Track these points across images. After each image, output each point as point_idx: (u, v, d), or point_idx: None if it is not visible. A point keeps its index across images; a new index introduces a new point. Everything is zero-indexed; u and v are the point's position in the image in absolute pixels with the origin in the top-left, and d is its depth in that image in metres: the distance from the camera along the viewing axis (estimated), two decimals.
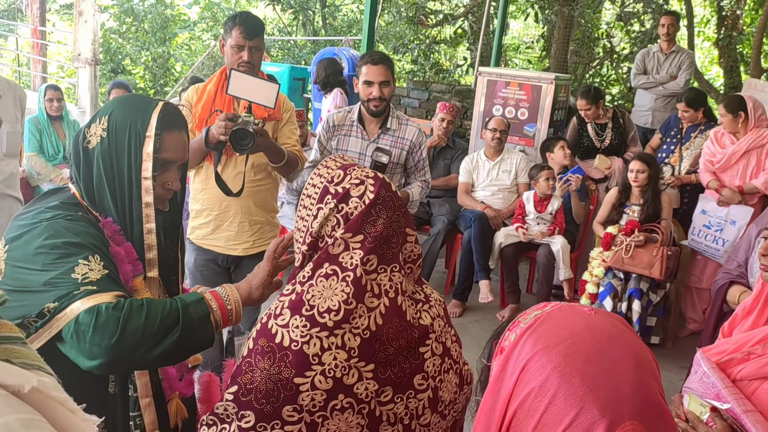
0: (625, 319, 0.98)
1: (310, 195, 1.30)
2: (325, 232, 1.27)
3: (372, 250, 1.23)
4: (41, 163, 4.85)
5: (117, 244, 1.42)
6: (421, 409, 1.27)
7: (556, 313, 0.91)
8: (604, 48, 10.45)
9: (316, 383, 1.16)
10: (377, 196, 1.26)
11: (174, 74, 12.98)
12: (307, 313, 1.19)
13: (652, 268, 3.99)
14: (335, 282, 1.21)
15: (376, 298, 1.22)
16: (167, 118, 1.47)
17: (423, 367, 1.27)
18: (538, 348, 0.85)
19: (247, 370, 1.18)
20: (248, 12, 2.80)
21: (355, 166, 1.32)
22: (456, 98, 6.78)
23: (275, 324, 1.20)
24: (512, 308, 4.66)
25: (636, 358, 0.83)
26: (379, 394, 1.22)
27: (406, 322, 1.25)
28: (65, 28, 13.72)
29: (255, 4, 14.87)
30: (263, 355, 1.18)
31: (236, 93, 2.50)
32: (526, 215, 4.65)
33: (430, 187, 3.34)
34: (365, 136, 3.13)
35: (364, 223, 1.24)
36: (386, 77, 3.02)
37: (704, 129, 4.77)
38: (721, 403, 1.55)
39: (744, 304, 2.05)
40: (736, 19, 9.78)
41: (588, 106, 5.00)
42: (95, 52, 7.92)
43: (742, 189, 4.23)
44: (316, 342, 1.17)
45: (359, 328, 1.20)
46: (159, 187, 1.49)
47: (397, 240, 1.27)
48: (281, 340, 1.18)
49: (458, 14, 10.65)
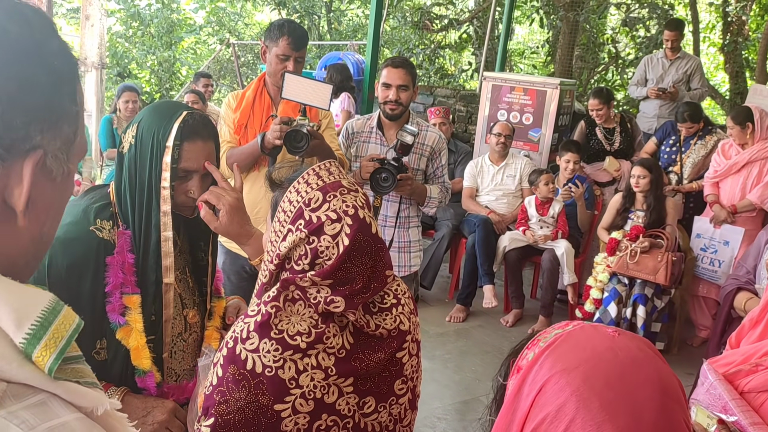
0: (651, 343, 0.91)
1: (285, 210, 1.22)
2: (292, 256, 1.20)
3: (342, 295, 1.16)
4: None
5: (119, 253, 1.43)
6: (403, 412, 1.26)
7: (577, 333, 0.87)
8: (609, 53, 10.44)
9: (297, 407, 1.12)
10: (353, 242, 1.15)
11: (180, 78, 13.02)
12: (277, 336, 1.13)
13: (656, 273, 3.97)
14: (302, 307, 1.17)
15: (345, 317, 1.18)
16: (189, 127, 1.47)
17: (402, 371, 1.24)
18: (556, 369, 0.81)
19: (221, 401, 1.12)
20: (295, 21, 2.80)
21: (337, 192, 1.19)
22: (461, 103, 6.78)
23: (243, 349, 1.13)
24: (516, 313, 4.65)
25: (661, 383, 0.79)
26: (362, 406, 1.19)
27: (375, 338, 1.21)
28: (72, 32, 13.78)
29: (260, 9, 14.91)
30: (236, 384, 1.12)
31: (291, 96, 2.50)
32: (529, 219, 4.64)
33: (450, 192, 3.29)
34: (384, 142, 3.09)
35: (336, 271, 1.16)
36: (405, 82, 2.98)
37: (703, 135, 4.78)
38: (728, 416, 1.52)
39: (751, 314, 2.01)
40: (741, 25, 9.76)
41: (600, 105, 4.98)
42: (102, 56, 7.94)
43: (735, 209, 4.24)
44: (290, 365, 1.12)
45: (334, 347, 1.16)
46: (181, 195, 1.50)
47: (373, 286, 1.21)
48: (253, 367, 1.12)
49: (463, 19, 10.66)
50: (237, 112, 2.74)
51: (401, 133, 2.79)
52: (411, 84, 3.01)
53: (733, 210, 4.26)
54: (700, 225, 4.44)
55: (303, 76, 2.58)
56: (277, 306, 1.16)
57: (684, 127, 4.76)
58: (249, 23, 15.42)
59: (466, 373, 3.84)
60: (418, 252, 3.23)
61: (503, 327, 4.57)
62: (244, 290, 2.93)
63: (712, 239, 4.32)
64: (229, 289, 2.89)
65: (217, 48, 12.60)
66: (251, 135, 2.70)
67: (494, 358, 3.98)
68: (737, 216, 4.27)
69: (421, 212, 3.24)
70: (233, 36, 13.58)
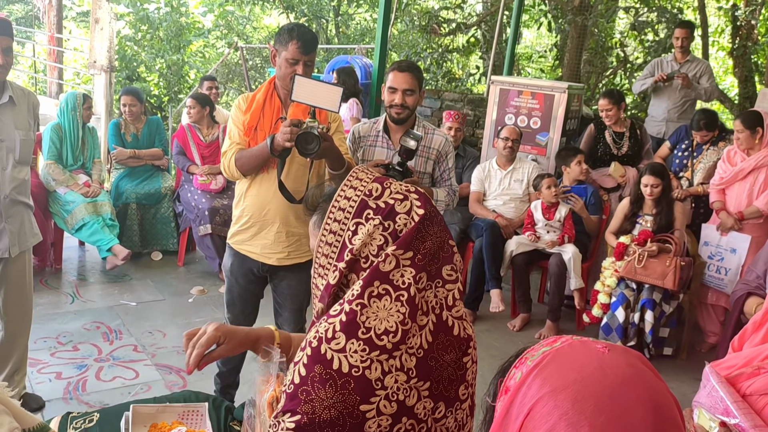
0: (642, 355, 0.88)
1: (344, 208, 1.25)
2: (369, 252, 1.22)
3: (422, 268, 1.20)
4: (59, 170, 4.88)
5: None
6: (465, 418, 1.26)
7: (565, 351, 0.84)
8: (617, 57, 10.41)
9: (381, 408, 1.13)
10: (426, 212, 1.23)
11: (188, 81, 13.07)
12: (364, 336, 1.14)
13: (665, 278, 3.95)
14: (389, 302, 1.17)
15: (425, 315, 1.20)
16: None
17: (465, 376, 1.25)
18: (544, 391, 0.78)
19: (307, 400, 1.13)
20: (304, 25, 2.81)
21: (390, 180, 1.28)
22: (468, 107, 6.78)
23: (329, 349, 1.14)
24: (523, 318, 4.63)
25: (653, 402, 0.76)
26: (434, 411, 1.20)
27: (453, 336, 1.22)
28: (81, 35, 13.87)
29: (269, 12, 14.96)
30: (323, 383, 1.13)
31: (301, 99, 2.51)
32: (535, 224, 4.63)
33: (457, 195, 3.27)
34: (391, 146, 3.08)
35: (413, 240, 1.20)
36: (410, 86, 2.97)
37: (716, 141, 4.75)
38: (730, 418, 1.52)
39: (755, 318, 2.01)
40: (750, 29, 9.71)
41: (610, 105, 4.97)
42: (111, 59, 8.00)
43: (742, 215, 4.21)
44: (377, 366, 1.13)
45: (413, 347, 1.17)
46: None
47: (442, 254, 1.25)
48: (339, 366, 1.13)
49: (471, 23, 10.66)
50: (247, 114, 2.76)
51: (404, 138, 2.80)
52: (417, 88, 3.00)
53: (740, 217, 4.23)
54: (707, 232, 4.41)
55: (313, 79, 2.59)
56: (363, 303, 1.16)
57: (699, 135, 4.74)
58: (257, 27, 15.47)
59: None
60: None
61: (510, 331, 4.56)
62: (253, 292, 2.94)
63: (719, 247, 4.30)
64: (237, 291, 2.90)
65: (225, 51, 12.64)
66: (261, 137, 2.71)
67: (501, 362, 3.97)
68: (744, 223, 4.24)
69: None
70: (241, 39, 13.62)
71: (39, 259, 4.82)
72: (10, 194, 2.90)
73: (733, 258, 4.22)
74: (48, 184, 4.86)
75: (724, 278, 4.23)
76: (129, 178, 5.34)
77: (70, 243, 5.29)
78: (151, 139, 5.49)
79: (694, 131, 4.76)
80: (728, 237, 4.26)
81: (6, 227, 2.88)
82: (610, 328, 4.10)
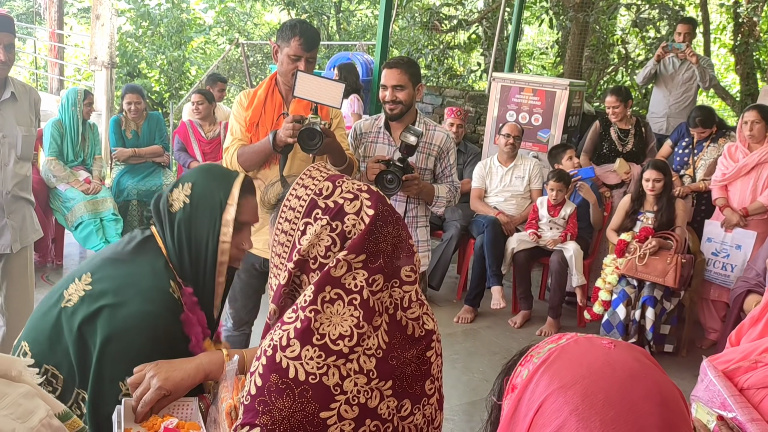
0: (646, 350, 0.88)
1: (294, 207, 1.23)
2: (317, 253, 1.19)
3: (377, 270, 1.18)
4: (59, 167, 4.87)
5: (191, 311, 1.55)
6: (433, 413, 1.25)
7: (572, 347, 0.84)
8: (619, 54, 10.40)
9: (342, 414, 1.11)
10: (376, 213, 1.19)
11: (189, 78, 13.07)
12: (319, 342, 1.12)
13: (666, 275, 3.95)
14: (342, 307, 1.15)
15: (378, 316, 1.18)
16: (245, 187, 1.64)
17: (430, 371, 1.24)
18: (553, 387, 0.79)
19: (264, 411, 1.10)
20: (306, 22, 2.82)
21: (344, 178, 1.25)
22: (469, 104, 6.78)
23: (284, 357, 1.12)
24: (524, 314, 4.64)
25: (661, 396, 0.77)
26: (400, 409, 1.19)
27: (408, 336, 1.21)
28: (82, 31, 13.86)
29: (270, 9, 14.95)
30: (279, 393, 1.10)
31: (303, 95, 2.52)
32: (540, 219, 4.63)
33: (459, 192, 3.28)
34: (392, 142, 3.08)
35: (365, 243, 1.17)
36: (399, 81, 2.97)
37: (716, 137, 4.75)
38: (727, 412, 1.53)
39: (752, 313, 2.02)
40: (752, 26, 9.70)
41: (617, 102, 4.96)
42: (112, 55, 7.99)
43: (747, 211, 4.20)
44: (334, 371, 1.11)
45: (371, 348, 1.15)
46: (234, 248, 1.62)
47: (399, 254, 1.22)
48: (296, 375, 1.11)
49: (472, 20, 10.65)
50: (249, 110, 2.76)
51: (404, 134, 2.81)
52: (409, 83, 2.99)
53: (744, 213, 4.22)
54: (710, 229, 4.39)
55: (315, 75, 2.59)
56: (316, 309, 1.14)
57: (696, 132, 4.74)
58: (258, 23, 15.46)
59: (474, 374, 3.84)
60: (427, 252, 3.23)
61: (511, 328, 4.56)
62: (254, 287, 2.95)
63: (724, 243, 4.28)
64: (239, 287, 2.91)
65: (226, 48, 12.63)
66: (262, 133, 2.71)
67: (502, 359, 3.97)
68: (749, 219, 4.23)
69: (429, 212, 3.23)
70: (242, 36, 13.62)
71: (40, 255, 4.83)
72: (12, 190, 2.90)
73: (738, 254, 4.19)
74: (49, 181, 4.86)
75: (730, 275, 4.21)
76: (130, 175, 5.33)
77: (71, 239, 5.29)
78: (152, 136, 5.48)
79: (691, 128, 4.76)
80: (733, 233, 4.24)
81: (8, 223, 2.89)
82: (611, 325, 4.10)
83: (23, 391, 0.82)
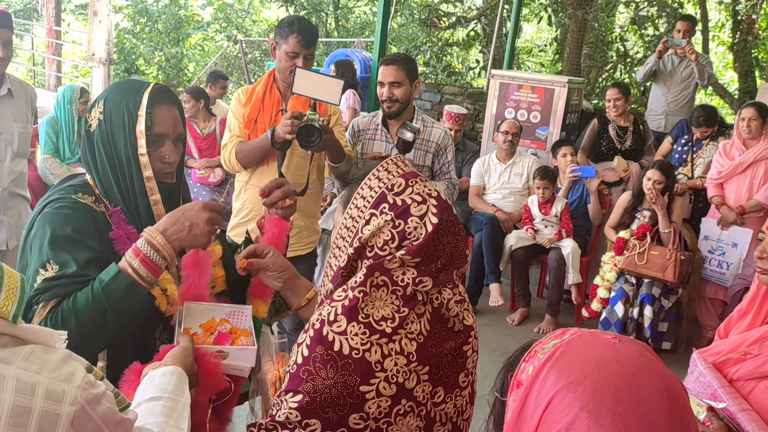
0: (650, 347, 0.89)
1: (365, 196, 1.27)
2: (375, 243, 1.24)
3: (427, 273, 1.22)
4: (56, 164, 4.86)
5: (119, 228, 1.50)
6: (464, 405, 1.29)
7: (577, 343, 0.84)
8: (617, 52, 10.39)
9: (381, 390, 1.16)
10: (440, 222, 1.22)
11: (187, 75, 13.06)
12: (364, 320, 1.18)
13: (665, 271, 3.96)
14: (385, 293, 1.21)
15: (422, 305, 1.23)
16: (156, 95, 1.54)
17: (465, 364, 1.28)
18: (562, 384, 0.78)
19: (308, 379, 1.16)
20: (305, 19, 2.82)
21: (418, 178, 1.28)
22: (468, 101, 6.77)
23: (331, 331, 1.18)
24: (522, 312, 4.64)
25: (668, 390, 0.78)
26: (433, 395, 1.23)
27: (447, 328, 1.25)
28: (80, 28, 13.83)
29: (268, 6, 14.93)
30: (324, 363, 1.16)
31: (301, 91, 2.51)
32: (533, 219, 4.63)
33: (457, 189, 3.27)
34: (390, 139, 3.09)
35: (424, 249, 1.21)
36: (396, 78, 2.97)
37: (716, 136, 4.75)
38: (717, 403, 1.55)
39: (740, 306, 2.06)
40: (751, 24, 9.70)
41: (619, 95, 4.96)
42: (109, 52, 7.98)
43: (743, 209, 4.20)
44: (376, 349, 1.16)
45: (413, 333, 1.20)
46: (157, 162, 1.55)
47: (455, 264, 1.26)
48: (340, 348, 1.16)
49: (471, 17, 10.63)
50: (247, 106, 2.76)
51: (401, 130, 2.81)
52: (406, 79, 2.99)
53: (741, 211, 4.22)
54: (707, 227, 4.40)
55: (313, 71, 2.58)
56: (365, 291, 1.20)
57: (699, 131, 4.74)
58: (256, 20, 15.44)
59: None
60: None
61: (509, 325, 4.56)
62: None
63: (720, 241, 4.28)
64: None
65: (224, 45, 12.62)
66: (261, 129, 2.71)
67: (500, 356, 3.97)
68: (746, 217, 4.24)
69: None
70: (241, 33, 13.60)
71: None
72: (9, 187, 2.89)
73: (734, 252, 4.20)
74: (46, 178, 4.85)
75: (726, 272, 4.22)
76: None
77: None
78: None
79: (694, 127, 4.76)
80: (729, 231, 4.24)
81: (4, 219, 2.88)
82: (609, 322, 4.10)
83: (60, 355, 0.91)
